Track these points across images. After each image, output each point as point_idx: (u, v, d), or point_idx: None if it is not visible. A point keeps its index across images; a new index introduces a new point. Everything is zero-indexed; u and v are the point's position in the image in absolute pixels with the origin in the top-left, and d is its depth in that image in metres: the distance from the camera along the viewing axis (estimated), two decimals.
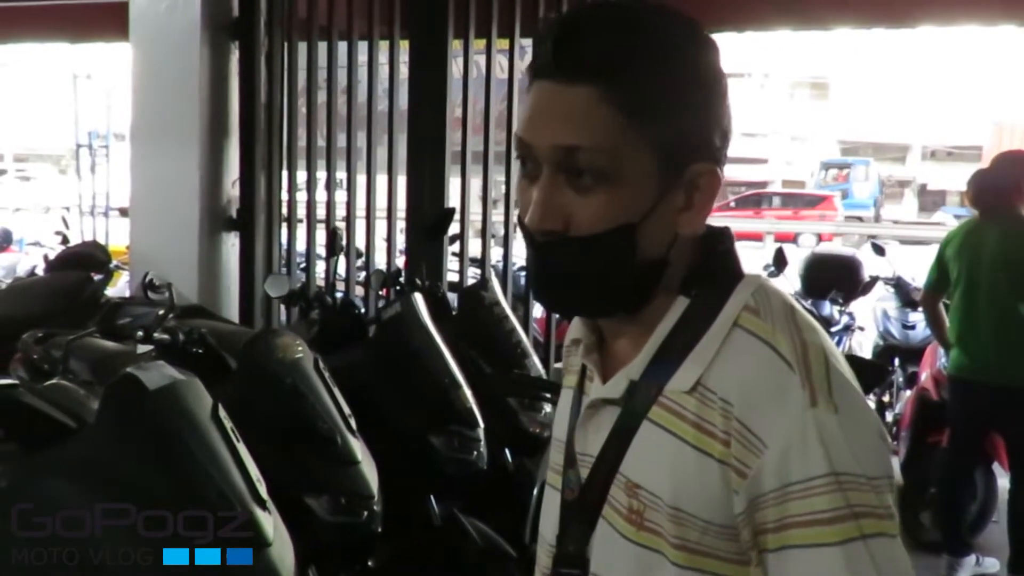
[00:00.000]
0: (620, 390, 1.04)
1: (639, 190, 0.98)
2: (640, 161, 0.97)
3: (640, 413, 1.01)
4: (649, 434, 1.00)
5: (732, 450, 0.93)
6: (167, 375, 2.01)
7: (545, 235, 0.99)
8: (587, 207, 0.97)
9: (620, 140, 0.96)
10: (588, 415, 1.09)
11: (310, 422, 2.60)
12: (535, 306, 4.60)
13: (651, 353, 1.02)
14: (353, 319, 3.45)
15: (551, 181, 0.98)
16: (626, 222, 0.98)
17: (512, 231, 4.51)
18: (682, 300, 1.03)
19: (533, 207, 0.99)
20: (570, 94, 0.96)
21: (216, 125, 4.70)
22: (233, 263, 4.85)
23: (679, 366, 0.99)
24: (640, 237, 0.99)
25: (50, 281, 4.71)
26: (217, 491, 1.92)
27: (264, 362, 2.64)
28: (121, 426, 1.92)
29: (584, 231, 0.98)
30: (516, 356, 3.65)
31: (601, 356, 1.11)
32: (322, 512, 2.56)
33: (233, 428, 2.07)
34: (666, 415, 0.99)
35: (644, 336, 1.04)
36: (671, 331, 1.02)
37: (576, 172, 0.97)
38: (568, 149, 0.96)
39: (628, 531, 1.00)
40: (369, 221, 4.70)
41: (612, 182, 0.97)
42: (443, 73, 4.37)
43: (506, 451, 3.48)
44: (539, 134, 0.98)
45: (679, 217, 1.01)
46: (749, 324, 0.98)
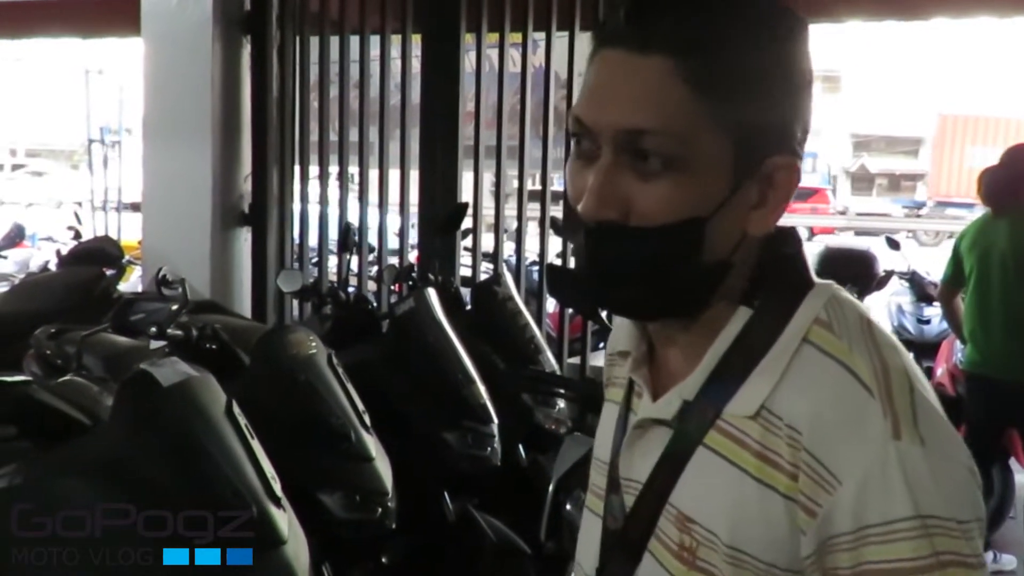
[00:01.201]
0: (672, 410, 0.93)
1: (711, 181, 0.87)
2: (714, 148, 0.86)
3: (695, 437, 0.90)
4: (704, 462, 0.89)
5: (800, 484, 0.83)
6: (181, 371, 2.00)
7: (600, 224, 0.87)
8: (651, 195, 0.86)
9: (694, 122, 0.85)
10: (635, 436, 0.98)
11: (324, 418, 2.59)
12: (548, 301, 4.58)
13: (708, 370, 0.91)
14: (366, 315, 3.44)
15: (611, 164, 0.87)
16: (694, 215, 0.86)
17: (524, 226, 4.49)
18: (744, 310, 0.92)
19: (589, 193, 0.87)
20: (641, 66, 0.85)
21: (228, 120, 4.69)
22: (245, 258, 4.85)
23: (740, 386, 0.89)
24: (708, 233, 0.87)
25: (63, 277, 4.71)
26: (231, 488, 1.91)
27: (277, 358, 2.63)
28: (135, 423, 1.91)
29: (646, 221, 0.86)
30: (530, 352, 3.63)
31: (651, 370, 1.00)
32: (336, 509, 2.55)
33: (247, 425, 2.06)
34: (725, 441, 0.88)
35: (700, 349, 0.93)
36: (731, 345, 0.91)
37: (641, 155, 0.86)
38: (632, 132, 0.85)
39: (678, 570, 0.90)
40: (382, 216, 4.68)
41: (681, 169, 0.85)
42: (456, 68, 4.34)
43: (520, 447, 3.46)
44: (601, 113, 0.87)
45: (750, 215, 0.90)
46: (821, 340, 0.88)
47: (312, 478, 2.50)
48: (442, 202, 4.33)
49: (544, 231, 4.30)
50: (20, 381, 1.89)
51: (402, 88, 4.54)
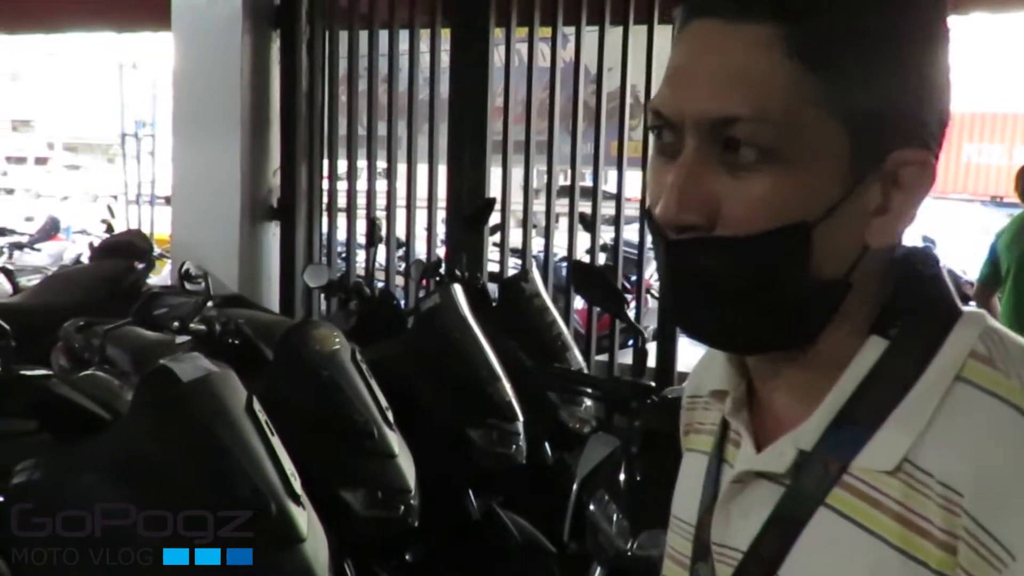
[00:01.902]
0: (785, 462, 0.76)
1: (820, 178, 0.71)
2: (826, 137, 0.70)
3: (814, 496, 0.73)
4: (827, 526, 0.72)
5: (960, 559, 0.66)
6: (201, 367, 1.99)
7: (682, 231, 0.72)
8: (744, 194, 0.70)
9: (799, 106, 0.69)
10: (733, 492, 0.80)
11: (346, 414, 2.57)
12: (576, 298, 4.54)
13: (832, 413, 0.74)
14: (391, 310, 3.42)
15: (696, 158, 0.71)
16: (799, 220, 0.70)
17: (554, 221, 4.45)
18: (876, 341, 0.74)
19: (667, 193, 0.72)
20: (734, 37, 0.70)
21: (257, 114, 4.70)
22: (274, 252, 4.86)
23: (874, 433, 0.72)
24: (817, 243, 0.71)
25: (92, 270, 4.74)
26: (250, 485, 1.89)
27: (300, 353, 2.62)
28: (153, 419, 1.91)
29: (738, 228, 0.71)
30: (557, 349, 3.60)
31: (752, 413, 0.82)
32: (358, 506, 2.53)
33: (267, 421, 2.05)
34: (854, 501, 0.71)
35: (817, 388, 0.76)
36: (861, 383, 0.74)
37: (732, 146, 0.70)
38: (721, 121, 0.70)
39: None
40: (410, 211, 4.67)
41: (783, 162, 0.70)
42: (485, 62, 4.32)
43: (546, 445, 3.43)
44: (683, 99, 0.72)
45: (871, 223, 0.73)
46: (980, 378, 0.70)
47: (334, 475, 2.49)
48: (470, 197, 4.31)
49: (573, 227, 4.26)
50: (40, 375, 1.90)
51: (431, 82, 4.52)
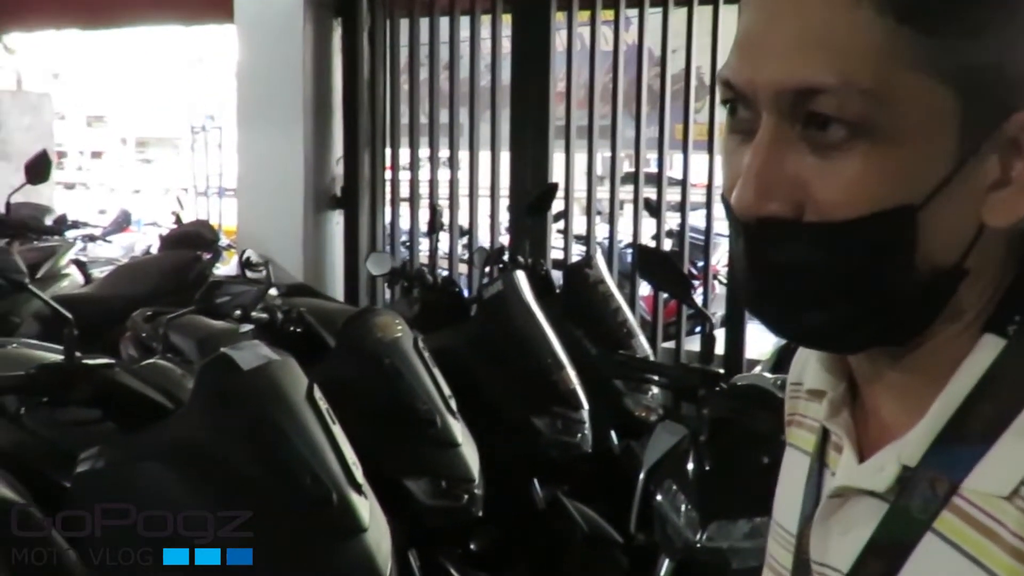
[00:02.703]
0: (887, 479, 0.66)
1: (924, 151, 0.60)
2: (928, 103, 0.60)
3: (920, 520, 0.64)
4: (934, 554, 0.63)
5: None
6: (262, 355, 1.98)
7: (764, 223, 0.63)
8: (836, 177, 0.61)
9: (895, 70, 0.59)
10: (832, 507, 0.71)
11: (409, 403, 2.55)
12: (642, 284, 4.47)
13: (939, 424, 0.64)
14: (454, 298, 3.39)
15: (775, 137, 0.62)
16: (901, 203, 0.60)
17: (618, 207, 4.39)
18: (992, 340, 0.65)
19: (744, 179, 0.63)
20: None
21: (320, 104, 4.71)
22: (338, 241, 4.87)
23: (988, 450, 0.62)
24: (923, 228, 0.61)
25: (160, 260, 4.80)
26: (310, 474, 1.87)
27: (362, 341, 2.60)
28: (214, 407, 1.90)
29: (829, 215, 0.61)
30: (621, 336, 3.54)
31: (854, 415, 0.73)
32: (422, 496, 2.51)
33: (328, 409, 2.03)
34: (965, 529, 0.62)
35: (923, 393, 0.66)
36: (973, 390, 0.64)
37: (817, 122, 0.61)
38: (802, 92, 0.60)
39: None
40: (472, 198, 4.64)
41: (879, 137, 0.60)
42: (546, 47, 4.26)
43: (612, 434, 3.38)
44: (756, 67, 0.62)
45: (988, 198, 0.63)
46: None
47: (397, 464, 2.47)
48: (533, 184, 4.26)
49: (638, 212, 4.19)
50: (104, 364, 1.89)
51: (492, 68, 4.48)
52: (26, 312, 4.20)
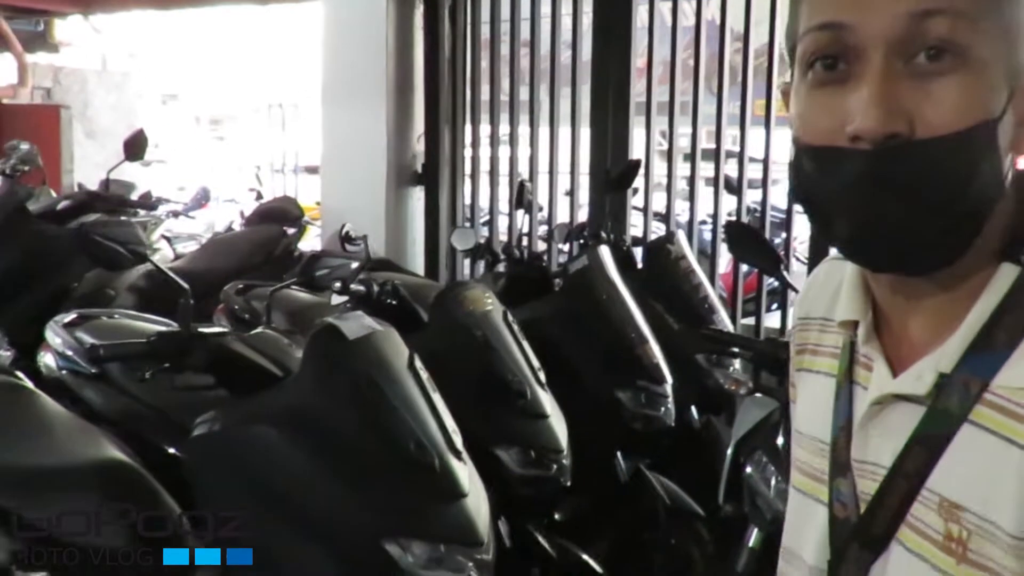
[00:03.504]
0: (926, 385, 0.80)
1: (997, 77, 0.75)
2: (996, 45, 0.74)
3: (958, 414, 0.77)
4: (972, 441, 0.76)
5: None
6: (366, 325, 2.05)
7: (889, 140, 0.74)
8: (940, 97, 0.73)
9: (979, 9, 0.73)
10: (872, 414, 0.85)
11: (500, 375, 2.61)
12: (722, 261, 4.47)
13: (969, 337, 0.78)
14: (540, 272, 3.44)
15: (888, 69, 0.74)
16: (987, 118, 0.74)
17: (698, 185, 4.38)
18: (1009, 268, 0.79)
19: (868, 106, 0.73)
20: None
21: (402, 81, 4.78)
22: (418, 217, 4.95)
23: (1011, 354, 0.76)
24: (999, 141, 0.76)
25: (248, 235, 4.93)
26: (415, 439, 1.94)
27: (455, 314, 2.67)
28: (323, 374, 1.97)
29: (939, 130, 0.73)
30: (703, 311, 3.55)
31: (883, 340, 0.87)
32: (512, 464, 2.57)
33: (429, 379, 2.09)
34: (997, 417, 0.75)
35: (952, 313, 0.80)
36: (998, 307, 0.78)
37: (928, 51, 0.73)
38: (920, 15, 0.72)
39: (945, 563, 0.78)
40: (552, 174, 4.67)
41: (968, 67, 0.73)
42: (627, 23, 4.26)
43: (692, 409, 3.41)
44: (870, 6, 0.74)
45: (1019, 133, 0.78)
46: None
47: (489, 434, 2.53)
48: (613, 160, 4.28)
49: (718, 189, 4.19)
50: (218, 332, 1.98)
51: (573, 45, 4.49)
52: (120, 285, 4.35)
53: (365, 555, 1.85)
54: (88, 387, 2.98)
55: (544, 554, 2.70)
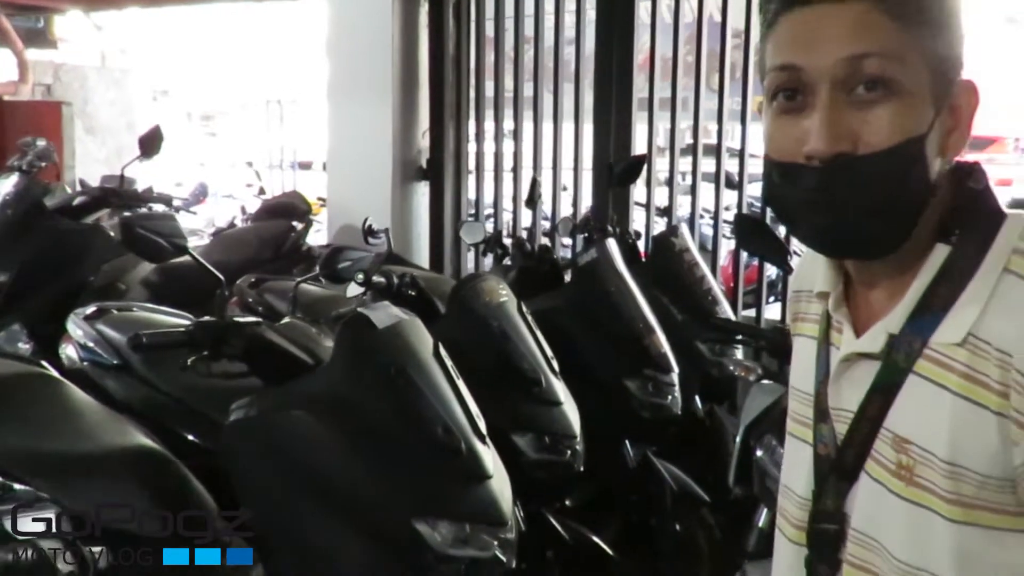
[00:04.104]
0: (879, 344, 0.99)
1: (922, 103, 0.93)
2: (920, 74, 0.92)
3: (903, 367, 0.96)
4: (916, 388, 0.95)
5: (1012, 402, 0.88)
6: (393, 315, 2.13)
7: (836, 158, 0.92)
8: (875, 122, 0.92)
9: (903, 49, 0.92)
10: (841, 369, 1.04)
11: (516, 363, 2.69)
12: (721, 254, 4.55)
13: (913, 303, 0.97)
14: (551, 265, 3.52)
15: (833, 101, 0.92)
16: (916, 134, 0.92)
17: (700, 179, 4.46)
18: (942, 247, 0.97)
19: (817, 132, 0.92)
20: (845, 11, 0.92)
21: (407, 77, 4.85)
22: (423, 212, 5.02)
23: (944, 317, 0.94)
24: (926, 152, 0.94)
25: (257, 230, 4.99)
26: (442, 424, 2.02)
27: (472, 305, 2.75)
28: (354, 361, 2.05)
29: (876, 145, 0.92)
30: (707, 303, 3.64)
31: (850, 307, 1.07)
32: (528, 450, 2.65)
33: (453, 366, 2.17)
34: (933, 368, 0.94)
35: (899, 286, 0.99)
36: (933, 280, 0.97)
37: (864, 84, 0.91)
38: (857, 58, 0.91)
39: (897, 487, 0.96)
40: (556, 169, 4.75)
41: (898, 95, 0.92)
42: (630, 19, 4.33)
43: (696, 398, 3.49)
44: (818, 52, 0.93)
45: (947, 140, 0.96)
46: (1022, 269, 0.92)
47: (505, 420, 2.60)
48: (616, 155, 4.35)
49: (719, 185, 4.27)
50: (252, 322, 2.05)
51: (576, 41, 4.56)
52: (132, 279, 4.41)
53: (396, 534, 1.93)
54: (111, 378, 3.05)
55: (558, 537, 2.79)
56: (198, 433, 2.86)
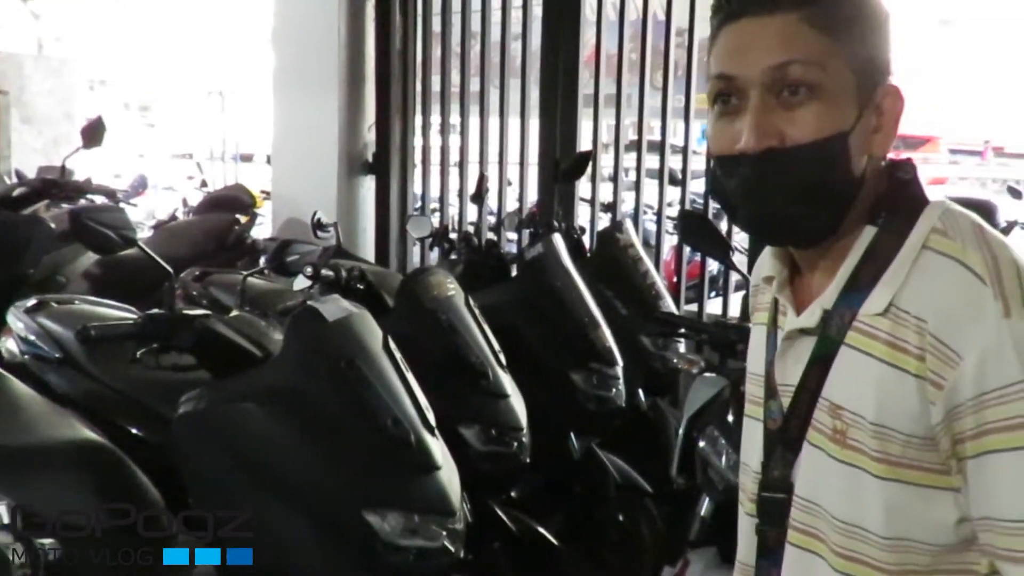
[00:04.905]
0: (815, 319, 1.08)
1: (845, 105, 1.03)
2: (843, 78, 1.02)
3: (836, 339, 1.06)
4: (847, 358, 1.05)
5: (928, 364, 0.97)
6: (343, 308, 2.15)
7: (763, 152, 1.03)
8: (800, 119, 1.02)
9: (826, 56, 1.01)
10: (785, 347, 1.14)
11: (464, 356, 2.71)
12: (665, 249, 4.62)
13: (843, 282, 1.06)
14: (497, 259, 3.54)
15: (762, 104, 1.03)
16: (840, 130, 1.02)
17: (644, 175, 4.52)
18: (870, 229, 1.07)
19: (748, 130, 1.03)
20: (772, 22, 1.02)
21: (353, 71, 4.84)
22: (369, 205, 5.01)
23: (871, 291, 1.04)
24: (850, 148, 1.03)
25: (201, 223, 4.95)
26: (392, 416, 2.04)
27: (421, 299, 2.76)
28: (304, 354, 2.06)
29: (801, 140, 1.02)
30: (651, 297, 3.69)
31: (793, 290, 1.16)
32: (475, 442, 2.68)
33: (402, 359, 2.19)
34: (861, 338, 1.03)
35: (835, 267, 1.08)
36: (861, 259, 1.06)
37: (788, 89, 1.02)
38: (780, 66, 1.01)
39: (833, 450, 1.05)
40: (502, 164, 4.78)
41: (821, 97, 1.01)
42: (576, 16, 4.36)
43: (639, 391, 3.54)
44: (746, 62, 1.03)
45: (872, 138, 1.06)
46: (938, 245, 1.01)
47: (453, 413, 2.62)
48: (562, 151, 4.39)
49: (663, 181, 4.33)
50: (201, 315, 2.05)
51: (523, 37, 4.58)
52: (73, 272, 4.36)
53: (347, 525, 1.95)
54: (53, 372, 3.02)
55: (504, 528, 2.82)
56: (144, 427, 2.85)
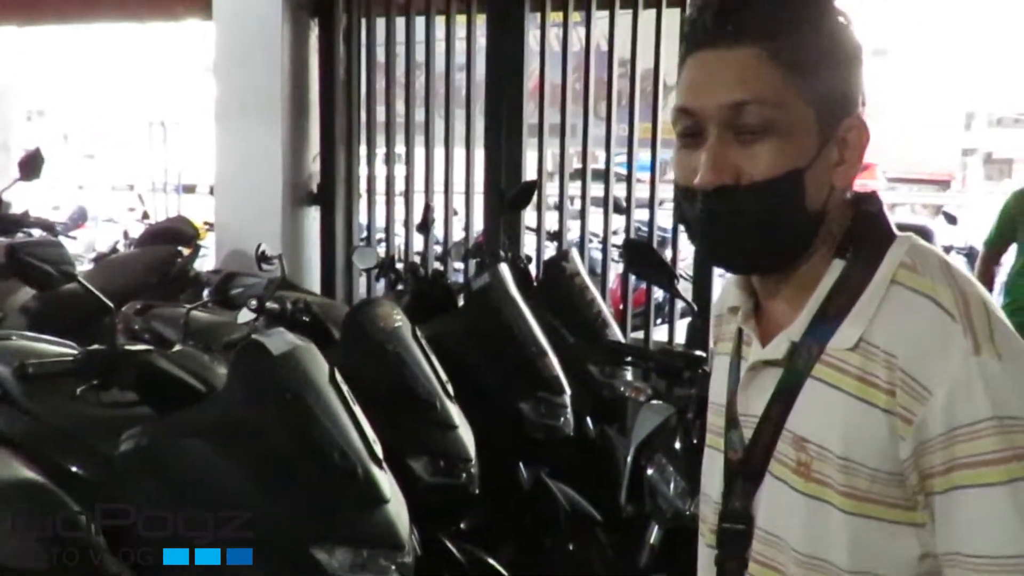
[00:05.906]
0: (782, 351, 1.08)
1: (803, 142, 1.02)
2: (802, 114, 1.02)
3: (803, 372, 1.05)
4: (814, 391, 1.04)
5: (898, 399, 0.97)
6: (288, 341, 2.13)
7: (718, 189, 1.03)
8: (757, 157, 1.02)
9: (784, 94, 1.01)
10: (749, 377, 1.13)
11: (411, 387, 2.70)
12: (610, 278, 4.65)
13: (811, 314, 1.06)
14: (444, 289, 3.54)
15: (719, 140, 1.02)
16: (795, 168, 1.02)
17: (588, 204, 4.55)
18: (838, 262, 1.07)
19: (703, 167, 1.03)
20: (734, 56, 1.02)
21: (297, 101, 4.81)
22: (314, 236, 4.98)
23: (839, 325, 1.03)
24: (806, 184, 1.03)
25: (142, 256, 4.86)
26: (339, 450, 2.02)
27: (367, 330, 2.75)
28: (249, 388, 2.04)
29: (756, 178, 1.02)
30: (597, 326, 3.71)
31: (758, 321, 1.15)
32: (424, 474, 2.66)
33: (349, 391, 2.18)
34: (829, 371, 1.03)
35: (801, 298, 1.08)
36: (830, 292, 1.06)
37: (745, 128, 1.01)
38: (737, 105, 1.01)
39: (797, 483, 1.05)
40: (447, 194, 4.78)
41: (778, 134, 1.01)
42: (520, 47, 4.39)
43: (588, 419, 3.55)
44: (705, 97, 1.03)
45: (835, 171, 1.05)
46: (908, 280, 1.02)
47: (401, 444, 2.60)
48: (507, 181, 4.41)
49: (607, 210, 4.36)
50: (143, 350, 2.02)
51: (467, 67, 4.61)
52: (9, 307, 4.25)
53: (295, 561, 1.92)
54: None
55: (453, 560, 2.80)
56: (84, 465, 2.78)
